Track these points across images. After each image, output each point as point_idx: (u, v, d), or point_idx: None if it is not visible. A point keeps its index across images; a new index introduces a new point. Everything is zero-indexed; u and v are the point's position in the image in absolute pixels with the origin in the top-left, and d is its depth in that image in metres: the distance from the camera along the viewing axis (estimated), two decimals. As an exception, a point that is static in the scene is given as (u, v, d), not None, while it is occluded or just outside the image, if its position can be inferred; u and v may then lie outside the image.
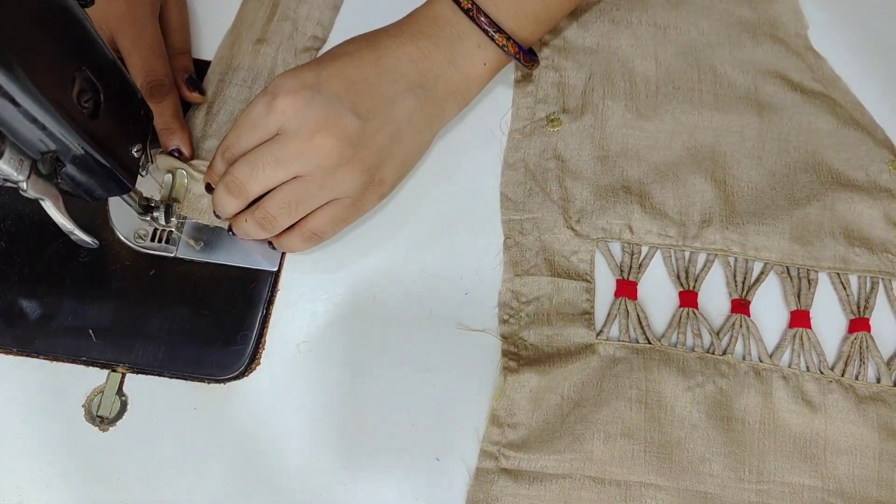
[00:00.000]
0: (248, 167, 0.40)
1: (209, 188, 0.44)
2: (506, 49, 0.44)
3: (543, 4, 0.45)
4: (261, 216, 0.41)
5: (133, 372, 0.43)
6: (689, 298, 0.44)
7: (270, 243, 0.44)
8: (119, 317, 0.44)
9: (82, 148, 0.33)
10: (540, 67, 0.51)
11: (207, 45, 0.52)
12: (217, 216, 0.43)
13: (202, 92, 0.49)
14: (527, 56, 0.45)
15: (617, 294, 0.45)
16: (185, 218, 0.46)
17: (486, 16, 0.43)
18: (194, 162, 0.46)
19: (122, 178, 0.37)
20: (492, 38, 0.43)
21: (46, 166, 0.32)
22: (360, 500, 0.40)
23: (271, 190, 0.41)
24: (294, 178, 0.40)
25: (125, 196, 0.40)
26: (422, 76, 0.43)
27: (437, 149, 0.49)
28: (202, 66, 0.51)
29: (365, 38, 0.43)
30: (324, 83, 0.40)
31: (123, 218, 0.46)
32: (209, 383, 0.43)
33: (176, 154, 0.46)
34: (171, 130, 0.46)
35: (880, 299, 0.45)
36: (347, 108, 0.40)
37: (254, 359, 0.43)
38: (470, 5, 0.43)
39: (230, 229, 0.44)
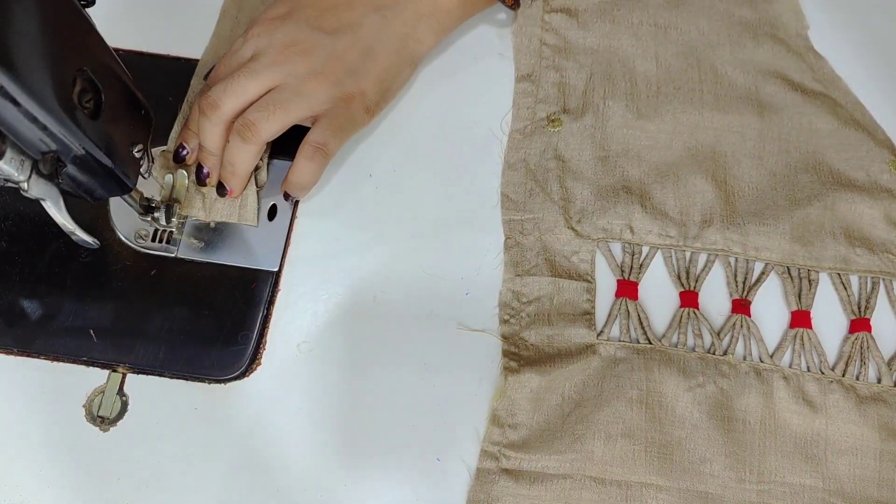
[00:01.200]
0: (223, 85, 0.42)
1: (177, 155, 0.44)
2: None
3: None
4: (240, 125, 0.42)
5: (134, 372, 0.43)
6: (689, 298, 0.44)
7: (285, 195, 0.45)
8: (120, 317, 0.44)
9: (83, 148, 0.33)
10: (540, 67, 0.51)
11: (194, 43, 0.52)
12: (199, 180, 0.44)
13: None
14: None
15: (617, 294, 0.45)
16: (185, 218, 0.46)
17: None
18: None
19: (123, 179, 0.37)
20: None
21: (47, 166, 0.32)
22: (360, 500, 0.40)
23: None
24: (268, 91, 0.42)
25: (126, 196, 0.40)
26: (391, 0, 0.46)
27: (437, 149, 0.49)
28: (189, 66, 0.51)
29: None
30: (295, 12, 0.44)
31: (124, 218, 0.46)
32: (210, 383, 0.43)
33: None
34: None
35: (881, 299, 0.45)
36: (316, 29, 0.43)
37: (254, 359, 0.43)
38: None
39: (220, 188, 0.44)
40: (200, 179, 0.44)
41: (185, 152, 0.45)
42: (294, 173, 0.44)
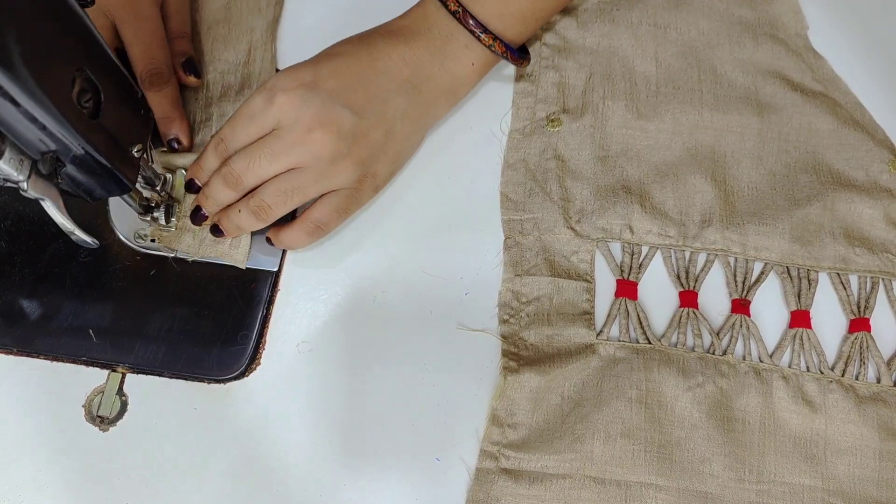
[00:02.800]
0: (246, 159, 0.41)
1: (190, 185, 0.44)
2: (492, 49, 0.45)
3: (531, 4, 0.45)
4: (255, 204, 0.42)
5: (133, 372, 0.43)
6: (689, 298, 0.44)
7: (269, 241, 0.44)
8: (119, 317, 0.44)
9: (82, 148, 0.33)
10: (540, 67, 0.51)
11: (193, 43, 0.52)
12: (196, 221, 0.44)
13: (198, 75, 0.49)
14: (515, 55, 0.47)
15: (617, 294, 0.45)
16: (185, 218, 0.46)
17: (473, 17, 0.44)
18: (189, 159, 0.46)
19: (122, 178, 0.37)
20: (478, 39, 0.45)
21: (47, 166, 0.32)
22: (360, 500, 0.40)
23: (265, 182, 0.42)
24: (290, 169, 0.42)
25: (125, 196, 0.40)
26: (413, 76, 0.44)
27: (437, 149, 0.49)
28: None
29: (359, 39, 0.45)
30: (321, 81, 0.42)
31: (123, 218, 0.46)
32: (209, 383, 0.43)
33: (175, 144, 0.46)
34: (169, 119, 0.46)
35: (880, 299, 0.45)
36: (343, 105, 0.42)
37: (254, 359, 0.43)
38: (457, 7, 0.44)
39: (214, 230, 0.44)
40: (196, 220, 0.44)
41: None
42: (288, 236, 0.44)
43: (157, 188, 0.42)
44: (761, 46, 0.51)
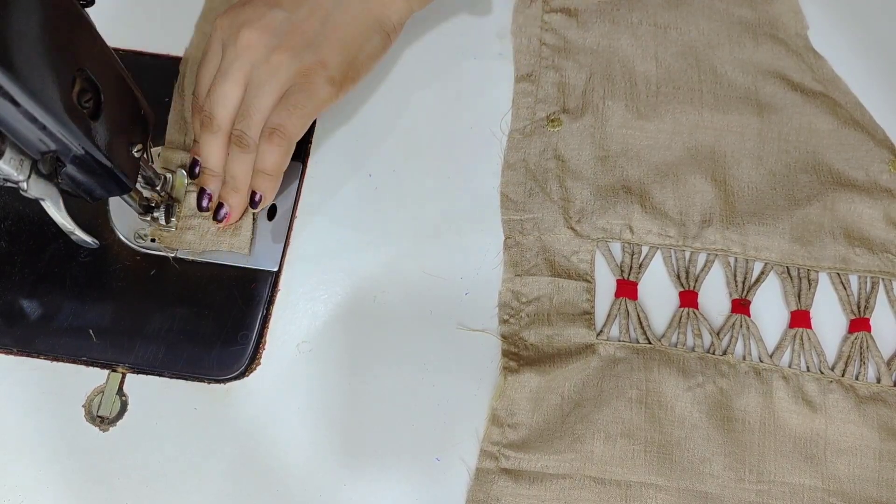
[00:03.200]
0: (209, 95, 0.42)
1: (192, 167, 0.44)
2: None
3: None
4: (235, 136, 0.42)
5: (133, 372, 0.43)
6: (689, 298, 0.44)
7: (253, 196, 0.43)
8: (119, 317, 0.44)
9: (82, 148, 0.33)
10: (540, 67, 0.51)
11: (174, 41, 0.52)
12: (201, 205, 0.44)
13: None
14: None
15: (617, 294, 0.45)
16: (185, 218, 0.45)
17: None
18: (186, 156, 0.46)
19: (123, 179, 0.37)
20: None
21: (47, 166, 0.32)
22: (360, 500, 0.40)
23: None
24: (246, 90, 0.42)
25: (125, 196, 0.40)
26: None
27: (437, 149, 0.49)
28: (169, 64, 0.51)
29: None
30: None
31: (123, 218, 0.46)
32: (209, 383, 0.43)
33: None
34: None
35: (880, 299, 0.45)
36: (272, 6, 0.43)
37: (254, 359, 0.43)
38: None
39: (217, 214, 0.44)
40: (202, 205, 0.44)
41: (198, 169, 0.44)
42: (258, 162, 0.43)
43: (157, 188, 0.42)
44: (761, 46, 0.51)
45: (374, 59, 0.46)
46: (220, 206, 0.43)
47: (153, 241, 0.45)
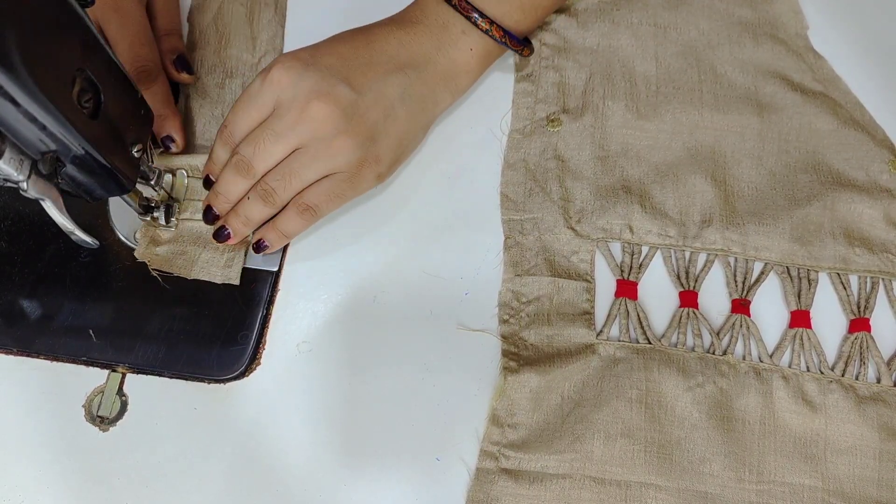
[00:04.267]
0: (252, 145, 0.41)
1: (208, 182, 0.44)
2: (490, 33, 0.45)
3: None
4: (262, 189, 0.42)
5: (133, 372, 0.43)
6: (689, 298, 0.44)
7: (259, 243, 0.43)
8: (119, 317, 0.44)
9: (82, 148, 0.33)
10: (540, 67, 0.51)
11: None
12: (208, 220, 0.43)
13: (190, 71, 0.48)
14: (514, 39, 0.47)
15: (617, 294, 0.45)
16: (184, 218, 0.45)
17: (469, 3, 0.45)
18: (188, 160, 0.46)
19: (122, 179, 0.37)
20: (475, 23, 0.45)
21: (47, 166, 0.32)
22: (360, 500, 0.40)
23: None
24: (293, 151, 0.42)
25: (125, 196, 0.40)
26: (411, 58, 0.44)
27: (437, 149, 0.49)
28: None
29: (356, 28, 0.45)
30: (318, 58, 0.42)
31: (123, 218, 0.46)
32: (209, 383, 0.43)
33: (169, 143, 0.46)
34: (162, 117, 0.46)
35: (880, 299, 0.45)
36: (341, 81, 0.42)
37: (254, 359, 0.43)
38: None
39: (219, 234, 0.43)
40: (207, 219, 0.44)
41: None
42: (279, 220, 0.43)
43: (152, 182, 0.42)
44: (761, 46, 0.51)
45: (414, 151, 0.47)
46: (223, 228, 0.43)
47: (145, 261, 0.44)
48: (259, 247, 0.43)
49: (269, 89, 0.41)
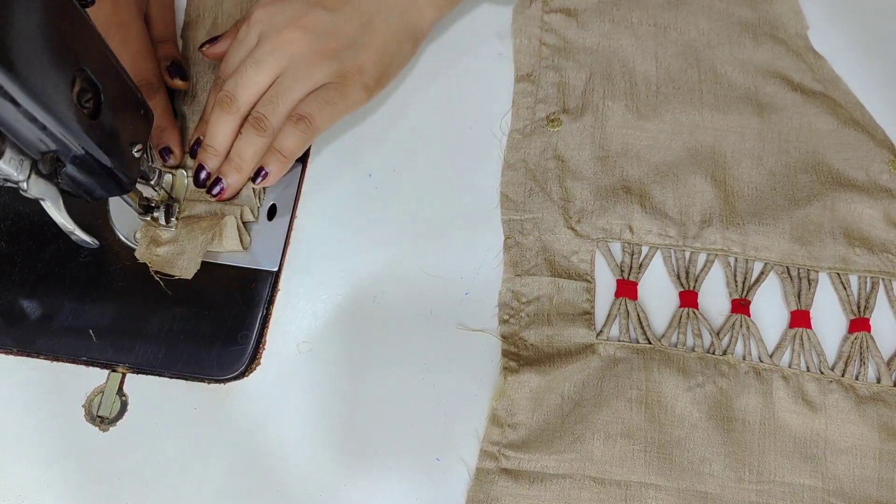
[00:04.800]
0: (234, 77, 0.43)
1: (194, 147, 0.45)
2: None
3: None
4: (252, 118, 0.43)
5: (133, 372, 0.43)
6: (689, 298, 0.44)
7: (257, 173, 0.43)
8: (119, 317, 0.44)
9: (83, 148, 0.33)
10: (540, 67, 0.51)
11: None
12: (198, 181, 0.44)
13: (184, 78, 0.49)
14: None
15: (617, 294, 0.45)
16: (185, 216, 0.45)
17: None
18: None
19: (123, 179, 0.37)
20: None
21: (47, 166, 0.32)
22: (360, 500, 0.40)
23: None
24: (276, 79, 0.43)
25: (125, 196, 0.40)
26: None
27: (437, 149, 0.49)
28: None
29: None
30: None
31: (123, 218, 0.46)
32: (209, 383, 0.43)
33: (167, 155, 0.46)
34: (160, 129, 0.46)
35: (880, 299, 0.45)
36: (314, 6, 0.44)
37: (254, 359, 0.43)
38: None
39: (213, 186, 0.43)
40: (199, 179, 0.44)
41: (197, 147, 0.45)
42: (277, 140, 0.43)
43: (152, 182, 0.41)
44: (761, 46, 0.51)
45: (404, 65, 0.48)
46: (217, 181, 0.43)
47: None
48: (258, 175, 0.43)
49: (251, 29, 0.43)
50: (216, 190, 0.43)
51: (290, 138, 0.43)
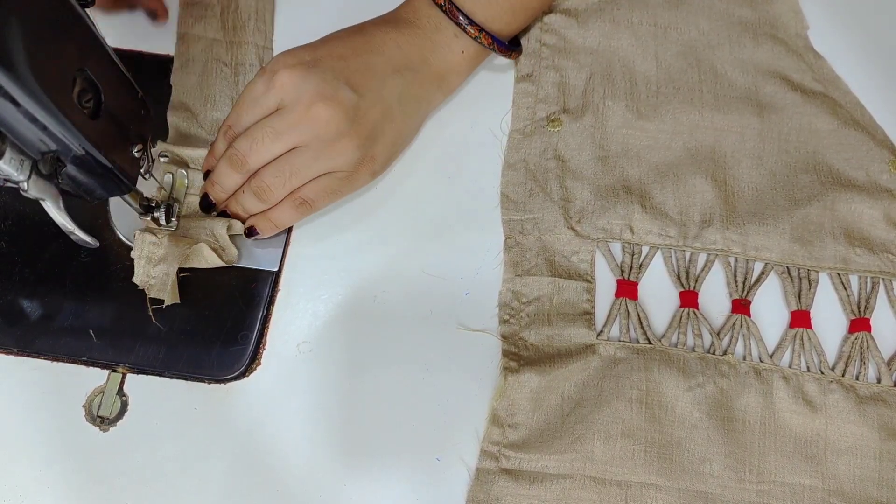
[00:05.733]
0: (249, 140, 0.42)
1: (206, 176, 0.44)
2: (479, 41, 0.46)
3: None
4: (256, 185, 0.42)
5: (133, 372, 0.43)
6: (689, 298, 0.44)
7: (251, 230, 0.44)
8: (120, 317, 0.44)
9: (83, 148, 0.33)
10: (540, 67, 0.51)
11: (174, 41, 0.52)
12: (204, 208, 0.44)
13: None
14: (503, 46, 0.48)
15: (617, 294, 0.45)
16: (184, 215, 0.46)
17: (459, 9, 0.45)
18: (189, 152, 0.46)
19: (123, 179, 0.37)
20: (464, 31, 0.46)
21: (47, 166, 0.32)
22: (360, 500, 0.40)
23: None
24: (292, 149, 0.42)
25: (125, 196, 0.40)
26: (408, 60, 0.45)
27: (437, 149, 0.49)
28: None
29: (352, 27, 0.46)
30: (320, 60, 0.42)
31: (123, 218, 0.46)
32: (210, 383, 0.43)
33: (152, 18, 0.46)
34: None
35: (881, 299, 0.45)
36: (343, 83, 0.42)
37: (254, 359, 0.43)
38: (443, 0, 0.45)
39: (208, 206, 0.44)
40: (204, 207, 0.45)
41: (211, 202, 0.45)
42: (273, 212, 0.43)
43: (142, 171, 0.41)
44: (761, 46, 0.51)
45: (406, 148, 0.48)
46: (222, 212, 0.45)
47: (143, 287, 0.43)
48: (251, 233, 0.44)
49: (272, 93, 0.41)
50: (210, 209, 0.45)
51: (287, 215, 0.44)
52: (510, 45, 0.49)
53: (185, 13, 0.52)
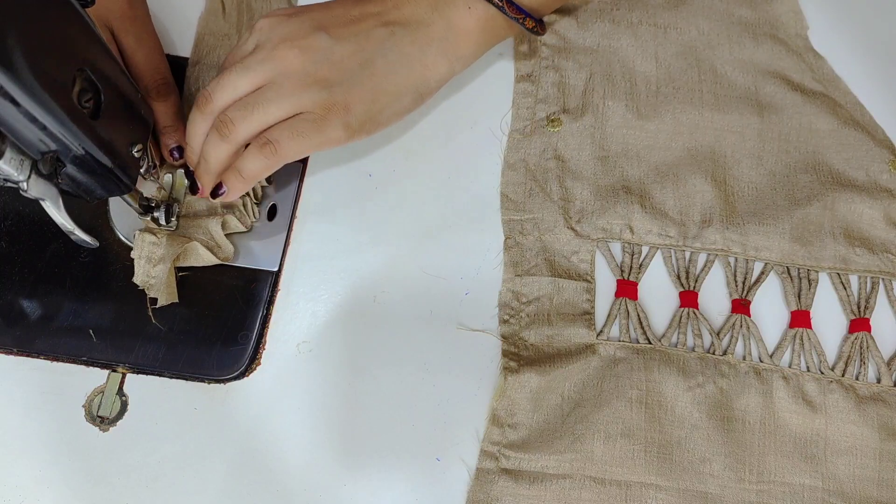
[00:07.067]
0: (217, 78, 0.41)
1: (171, 152, 0.44)
2: (493, 1, 0.43)
3: None
4: (219, 120, 0.40)
5: (133, 372, 0.43)
6: (689, 298, 0.44)
7: (215, 189, 0.42)
8: (119, 317, 0.44)
9: (83, 148, 0.33)
10: (540, 67, 0.51)
11: (175, 41, 0.52)
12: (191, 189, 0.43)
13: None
14: (515, 7, 0.44)
15: (617, 294, 0.45)
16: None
17: None
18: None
19: (123, 179, 0.37)
20: None
21: (47, 166, 0.32)
22: (361, 500, 0.40)
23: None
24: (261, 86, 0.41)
25: (125, 196, 0.40)
26: (402, 17, 0.43)
27: (437, 149, 0.49)
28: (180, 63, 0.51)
29: None
30: (302, 11, 0.43)
31: (123, 218, 0.46)
32: (209, 383, 0.43)
33: (176, 154, 0.45)
34: (173, 129, 0.45)
35: (880, 299, 0.45)
36: (319, 30, 0.42)
37: (254, 359, 0.43)
38: None
39: (192, 187, 0.42)
40: (172, 156, 0.45)
41: (176, 154, 0.45)
42: (242, 161, 0.41)
43: (142, 171, 0.40)
44: (761, 46, 0.51)
45: (398, 118, 0.44)
46: (194, 181, 0.42)
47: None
48: (216, 192, 0.42)
49: (252, 37, 0.42)
50: (195, 190, 0.42)
51: (252, 162, 0.41)
52: (527, 13, 0.45)
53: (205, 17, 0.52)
